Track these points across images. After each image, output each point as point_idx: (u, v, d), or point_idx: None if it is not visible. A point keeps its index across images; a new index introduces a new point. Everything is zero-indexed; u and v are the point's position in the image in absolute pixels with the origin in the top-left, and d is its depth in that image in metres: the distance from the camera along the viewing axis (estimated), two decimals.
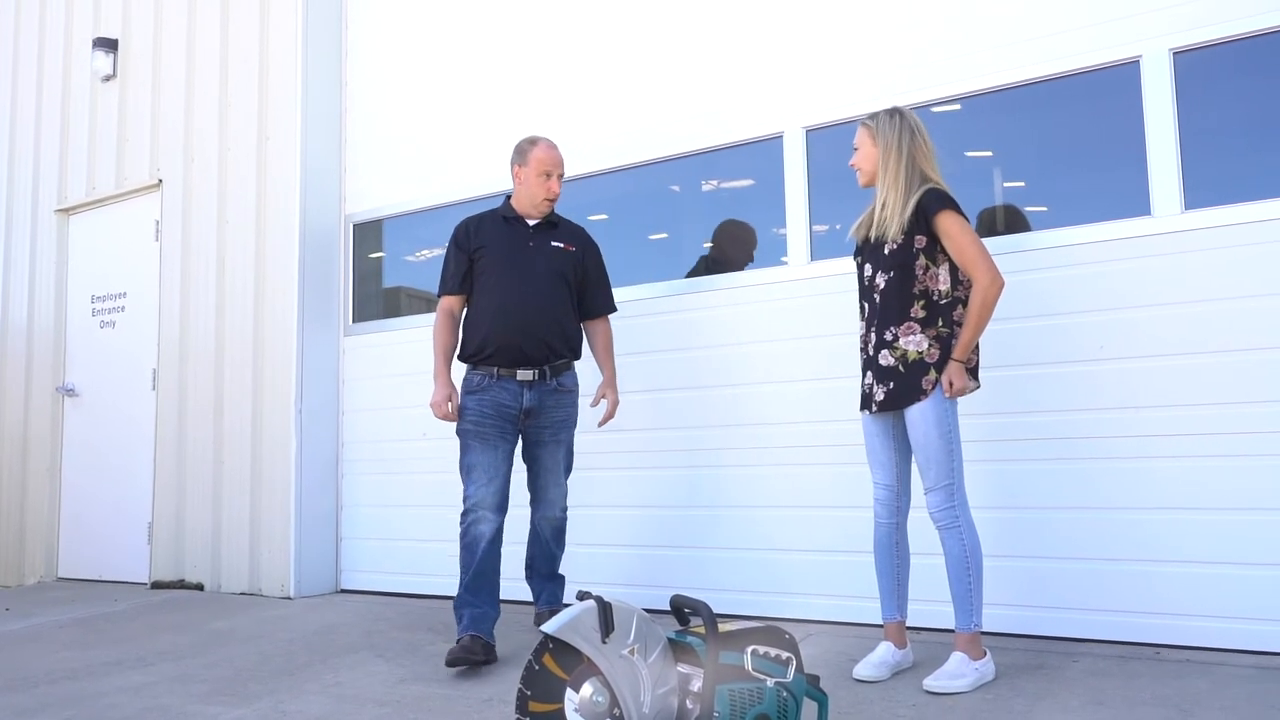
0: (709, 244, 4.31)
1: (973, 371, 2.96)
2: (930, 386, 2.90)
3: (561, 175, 3.70)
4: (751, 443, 4.00)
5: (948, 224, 2.90)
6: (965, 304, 2.95)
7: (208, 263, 5.46)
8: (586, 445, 4.42)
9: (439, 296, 3.72)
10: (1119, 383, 3.32)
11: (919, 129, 3.01)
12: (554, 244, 3.67)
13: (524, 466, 3.71)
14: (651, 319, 4.30)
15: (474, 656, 3.28)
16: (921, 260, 2.93)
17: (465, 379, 3.59)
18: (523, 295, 3.54)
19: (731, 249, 4.24)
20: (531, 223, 3.67)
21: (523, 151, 3.69)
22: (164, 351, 5.59)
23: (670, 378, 4.23)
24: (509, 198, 3.75)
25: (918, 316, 2.93)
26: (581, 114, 4.60)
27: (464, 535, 3.49)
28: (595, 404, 3.78)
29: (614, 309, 3.88)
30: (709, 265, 4.27)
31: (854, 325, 3.44)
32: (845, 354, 3.66)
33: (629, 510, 4.30)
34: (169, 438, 5.51)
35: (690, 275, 4.29)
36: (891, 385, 2.95)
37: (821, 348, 3.81)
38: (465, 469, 3.53)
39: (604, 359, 3.82)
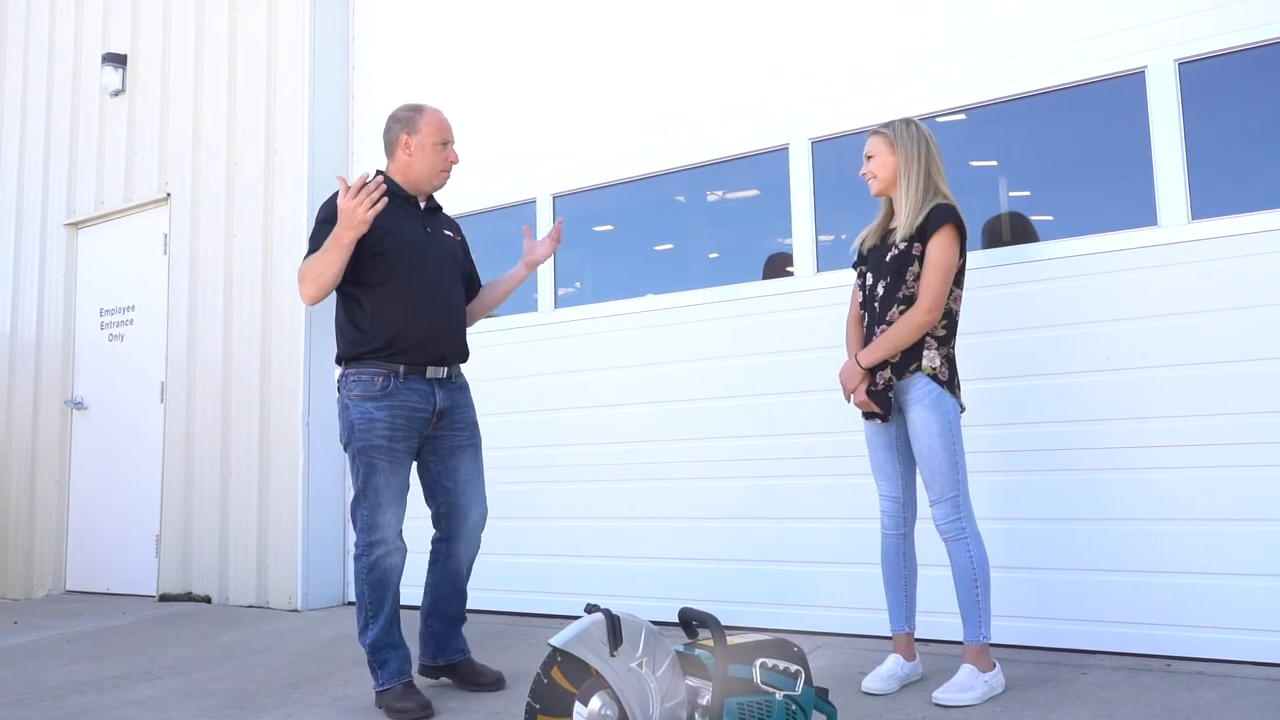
0: (714, 255, 4.32)
1: (951, 386, 2.94)
2: (928, 395, 2.90)
3: (453, 143, 3.27)
4: (759, 455, 4.00)
5: (937, 242, 2.90)
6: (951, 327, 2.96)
7: (215, 276, 5.48)
8: (592, 457, 4.43)
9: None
10: (1126, 393, 3.31)
11: (932, 139, 3.02)
12: (446, 232, 3.30)
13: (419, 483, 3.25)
14: (657, 330, 4.30)
15: (429, 711, 2.94)
16: (915, 267, 2.94)
17: (356, 380, 3.03)
18: (435, 288, 3.13)
19: None
20: (421, 204, 3.24)
21: (409, 120, 3.18)
22: (172, 364, 5.61)
23: (677, 390, 4.23)
24: (381, 172, 3.20)
25: (937, 334, 2.93)
26: (588, 126, 4.61)
27: (371, 570, 3.00)
28: (531, 251, 3.44)
29: (480, 285, 3.51)
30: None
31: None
32: None
33: (636, 522, 4.30)
34: (177, 450, 5.52)
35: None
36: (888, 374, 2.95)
37: (829, 359, 3.80)
38: (371, 493, 3.00)
39: (501, 279, 3.49)
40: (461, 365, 3.26)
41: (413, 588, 3.35)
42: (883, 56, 3.89)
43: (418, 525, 3.27)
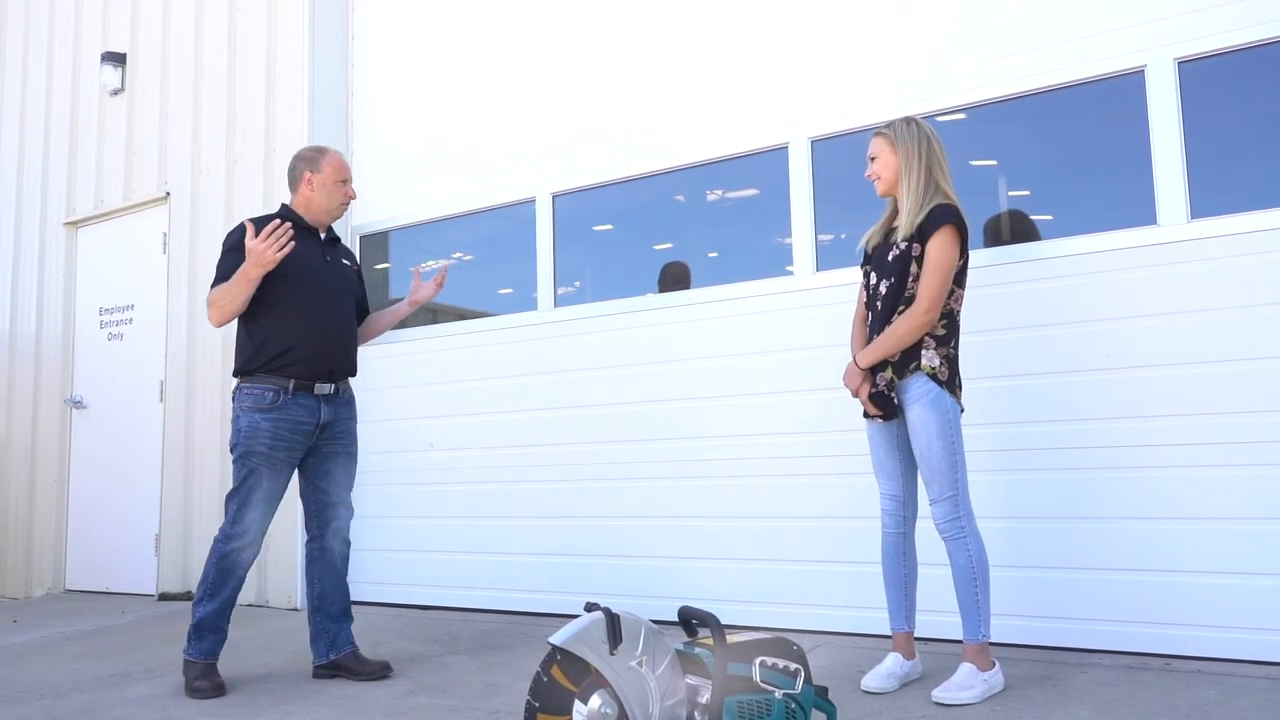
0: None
1: (951, 386, 2.94)
2: (927, 395, 2.90)
3: (351, 182, 3.61)
4: (758, 453, 4.00)
5: (936, 242, 2.90)
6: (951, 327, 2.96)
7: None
8: (591, 456, 4.43)
9: (211, 289, 3.40)
10: (1126, 392, 3.31)
11: (934, 138, 3.02)
12: (344, 261, 3.62)
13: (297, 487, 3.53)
14: (658, 329, 4.30)
15: (221, 691, 3.27)
16: (914, 268, 2.94)
17: (249, 393, 3.33)
18: (329, 312, 3.45)
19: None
20: (322, 235, 3.56)
21: (313, 159, 3.53)
22: (171, 364, 5.61)
23: (676, 388, 4.23)
24: (285, 205, 3.56)
25: (937, 334, 2.93)
26: (587, 125, 4.61)
27: (223, 557, 3.29)
28: (417, 290, 3.73)
29: (369, 312, 3.82)
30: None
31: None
32: None
33: (636, 521, 4.30)
34: (176, 450, 5.52)
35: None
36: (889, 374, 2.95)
37: (828, 357, 3.81)
38: (244, 491, 3.30)
39: (390, 310, 3.82)
40: (350, 380, 3.57)
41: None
42: (882, 56, 3.89)
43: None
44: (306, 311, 3.39)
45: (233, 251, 3.36)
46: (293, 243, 3.24)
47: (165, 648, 4.12)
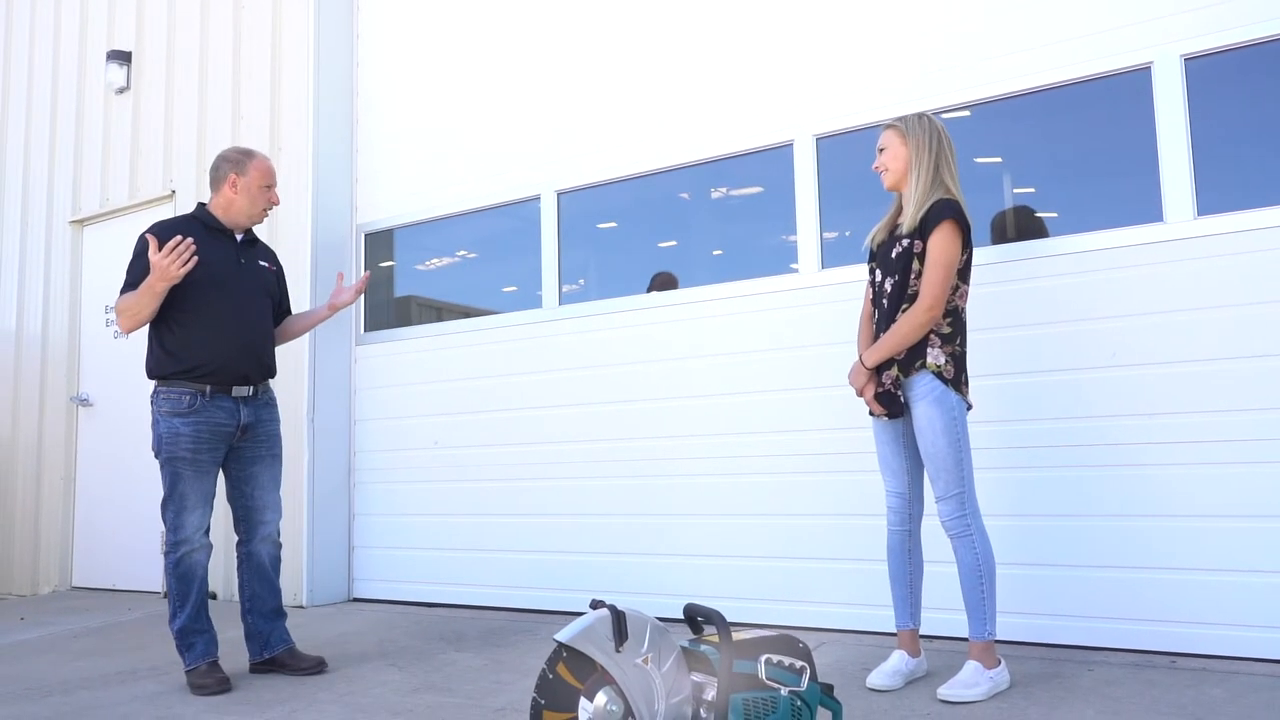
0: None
1: (957, 384, 2.93)
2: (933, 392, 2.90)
3: (275, 188, 3.61)
4: (764, 451, 4.00)
5: (936, 238, 2.89)
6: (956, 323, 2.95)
7: None
8: (595, 453, 4.43)
9: (120, 294, 3.38)
10: (1131, 389, 3.31)
11: (946, 135, 3.01)
12: (261, 263, 3.60)
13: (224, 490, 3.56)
14: (662, 327, 4.30)
15: (226, 686, 3.30)
16: (915, 264, 2.93)
17: (166, 397, 3.35)
18: (242, 315, 3.43)
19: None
20: (238, 237, 3.54)
21: (240, 162, 3.51)
22: None
23: (681, 386, 4.23)
24: (203, 205, 3.55)
25: (942, 331, 2.92)
26: (592, 123, 4.61)
27: (177, 565, 3.34)
28: (338, 294, 3.72)
29: (290, 312, 3.83)
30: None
31: None
32: None
33: (642, 519, 4.30)
34: None
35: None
36: (895, 372, 2.95)
37: (833, 355, 3.80)
38: (176, 497, 3.35)
39: (306, 316, 3.82)
40: (270, 381, 3.58)
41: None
42: (888, 53, 3.89)
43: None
44: (218, 318, 3.38)
45: (141, 258, 3.33)
46: (195, 260, 3.21)
47: (172, 645, 4.12)
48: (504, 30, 4.96)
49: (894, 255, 2.98)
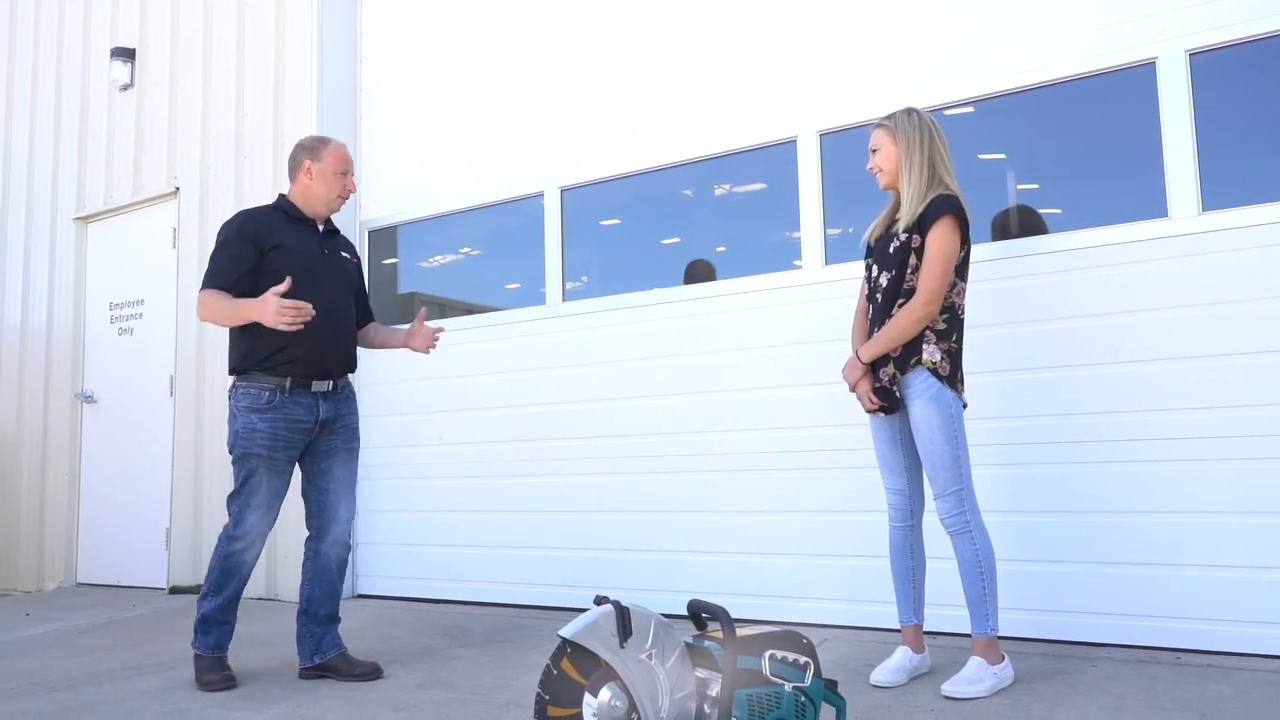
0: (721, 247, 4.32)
1: (952, 381, 2.92)
2: (929, 390, 2.89)
3: (352, 175, 3.52)
4: (767, 447, 4.00)
5: (935, 233, 2.88)
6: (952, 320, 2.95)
7: None
8: (599, 450, 4.43)
9: (204, 289, 3.30)
10: (1136, 385, 3.30)
11: (936, 129, 3.01)
12: (343, 254, 3.52)
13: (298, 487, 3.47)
14: (666, 323, 4.30)
15: (231, 683, 3.27)
16: (913, 260, 2.93)
17: (245, 393, 3.27)
18: (327, 308, 3.33)
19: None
20: (320, 227, 3.47)
21: (314, 149, 3.44)
22: (181, 358, 5.63)
23: (684, 382, 4.23)
24: (283, 195, 3.49)
25: (937, 328, 2.92)
26: (595, 120, 4.61)
27: (226, 558, 3.28)
28: (415, 336, 3.57)
29: (372, 318, 3.74)
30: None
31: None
32: None
33: (646, 515, 4.30)
34: (186, 444, 5.54)
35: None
36: (890, 370, 2.94)
37: (838, 351, 3.80)
38: (245, 493, 3.26)
39: (389, 334, 3.69)
40: (350, 375, 3.48)
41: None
42: (891, 48, 3.88)
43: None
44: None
45: (225, 248, 3.30)
46: (301, 326, 3.15)
47: (176, 641, 4.14)
48: (507, 27, 4.96)
49: (891, 250, 2.97)
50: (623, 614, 2.26)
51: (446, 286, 5.14)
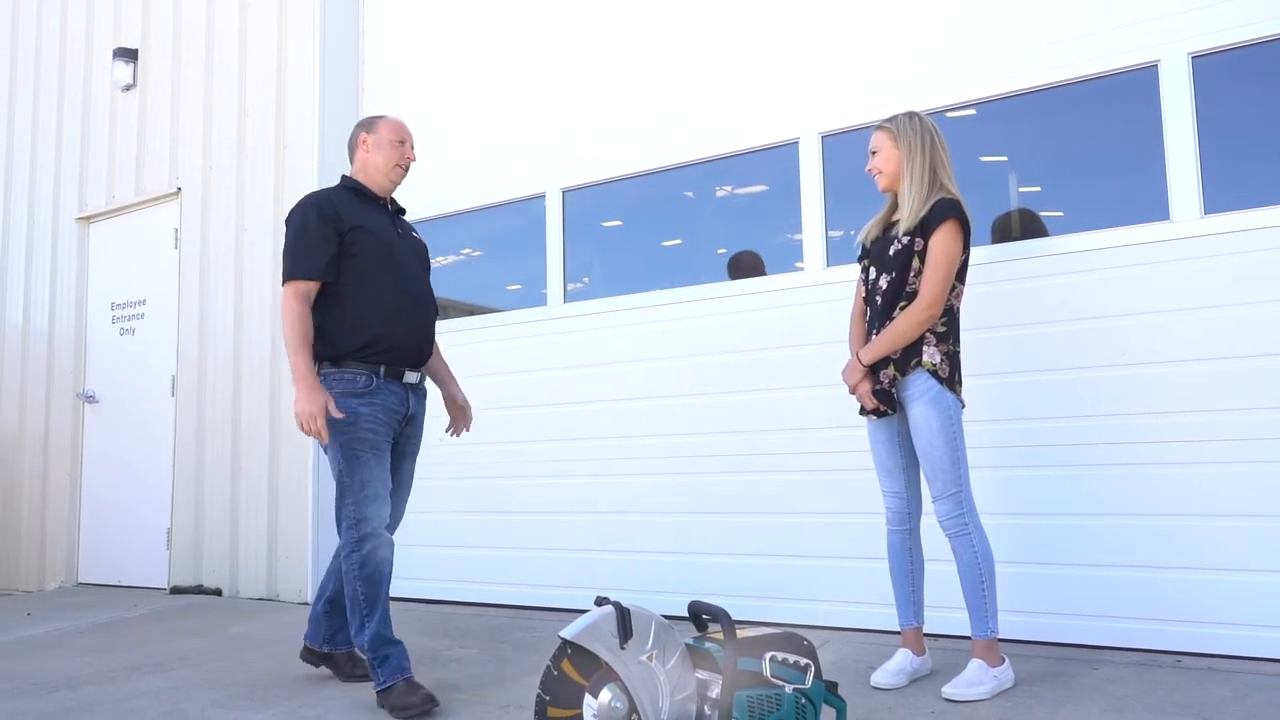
0: (722, 250, 4.32)
1: (951, 383, 2.92)
2: (929, 392, 2.89)
3: (414, 146, 3.35)
4: (768, 449, 4.00)
5: (938, 237, 2.88)
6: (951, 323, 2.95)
7: (226, 270, 5.50)
8: (600, 451, 4.44)
9: (291, 280, 3.04)
10: (1137, 388, 3.30)
11: (937, 133, 3.01)
12: (414, 235, 3.36)
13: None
14: (666, 325, 4.30)
15: (432, 703, 2.89)
16: (915, 263, 2.93)
17: (338, 379, 3.03)
18: (410, 289, 3.15)
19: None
20: (389, 207, 3.32)
21: (369, 123, 3.29)
22: (183, 358, 5.64)
23: (685, 385, 4.23)
24: (345, 176, 3.31)
25: (937, 330, 2.92)
26: (597, 121, 4.61)
27: (364, 565, 2.97)
28: (456, 426, 3.44)
29: (438, 314, 3.47)
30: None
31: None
32: None
33: (646, 516, 4.30)
34: (188, 444, 5.55)
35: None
36: (890, 371, 2.94)
37: (838, 354, 3.79)
38: (358, 484, 2.98)
39: (444, 367, 3.52)
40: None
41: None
42: (893, 51, 3.88)
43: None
44: (388, 293, 3.10)
45: (309, 230, 3.05)
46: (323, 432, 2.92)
47: (177, 641, 4.14)
48: (509, 28, 4.96)
49: (892, 253, 2.97)
50: (623, 615, 2.26)
51: (447, 288, 5.14)
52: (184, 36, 5.90)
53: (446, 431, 3.49)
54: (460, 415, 3.48)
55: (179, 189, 5.80)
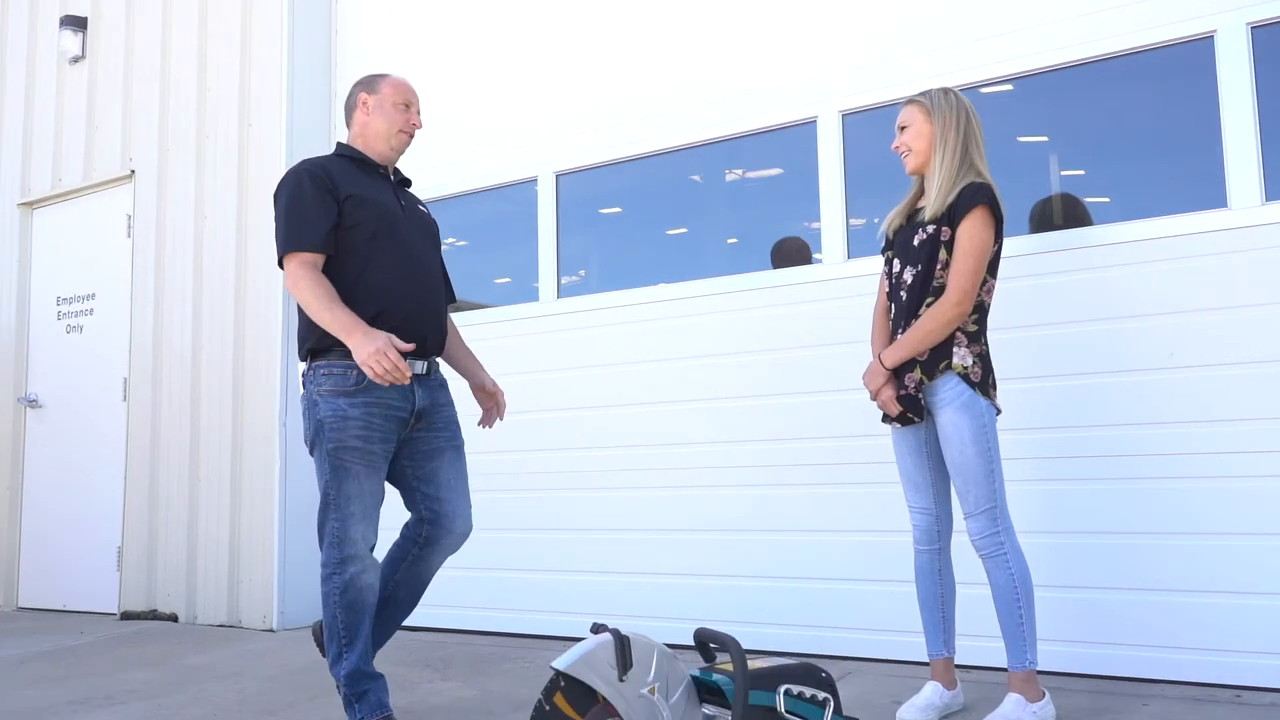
0: (730, 240, 4.32)
1: (984, 387, 2.91)
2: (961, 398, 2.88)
3: (420, 111, 3.24)
4: (782, 459, 3.99)
5: (967, 226, 2.86)
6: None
7: (184, 261, 5.50)
8: (598, 462, 4.43)
9: (290, 253, 2.91)
10: (1191, 393, 3.29)
11: (972, 111, 3.00)
12: (420, 209, 3.25)
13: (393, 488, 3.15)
14: (670, 323, 4.30)
15: None
16: (942, 254, 2.91)
17: (327, 373, 2.92)
18: (416, 267, 3.05)
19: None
20: (391, 177, 3.22)
21: (369, 82, 3.17)
22: (136, 359, 5.63)
23: (692, 389, 4.22)
24: (341, 143, 3.19)
25: (968, 330, 2.91)
26: (594, 98, 4.61)
27: (345, 590, 2.89)
28: (488, 418, 3.38)
29: (455, 299, 3.45)
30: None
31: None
32: None
33: (648, 534, 4.30)
34: (141, 454, 5.54)
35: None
36: (916, 375, 2.92)
37: (859, 355, 3.80)
38: (342, 500, 2.89)
39: (467, 354, 3.41)
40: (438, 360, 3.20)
41: None
42: (921, 21, 3.88)
43: (389, 537, 3.24)
44: (389, 268, 2.98)
45: (304, 197, 2.92)
46: (407, 378, 2.78)
47: (129, 672, 4.13)
48: None
49: (916, 244, 2.96)
50: (622, 644, 2.25)
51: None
52: (138, 3, 5.90)
53: (479, 424, 3.42)
54: (492, 404, 3.37)
55: (132, 171, 5.80)
